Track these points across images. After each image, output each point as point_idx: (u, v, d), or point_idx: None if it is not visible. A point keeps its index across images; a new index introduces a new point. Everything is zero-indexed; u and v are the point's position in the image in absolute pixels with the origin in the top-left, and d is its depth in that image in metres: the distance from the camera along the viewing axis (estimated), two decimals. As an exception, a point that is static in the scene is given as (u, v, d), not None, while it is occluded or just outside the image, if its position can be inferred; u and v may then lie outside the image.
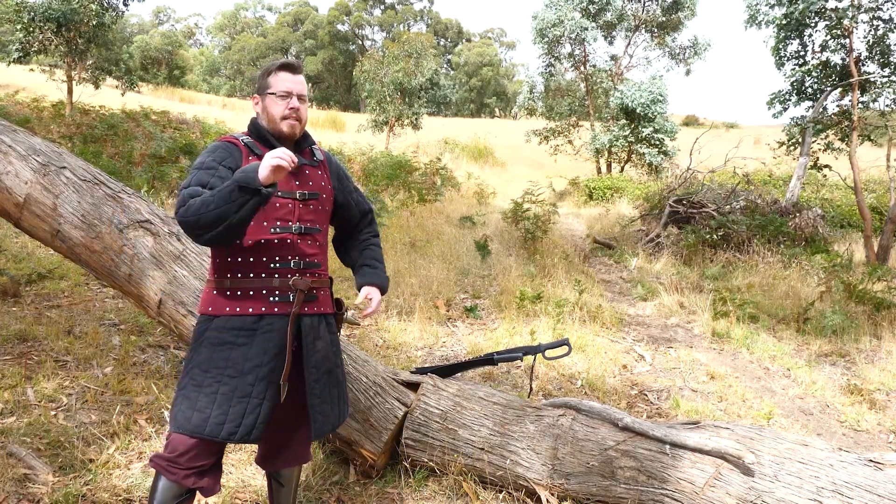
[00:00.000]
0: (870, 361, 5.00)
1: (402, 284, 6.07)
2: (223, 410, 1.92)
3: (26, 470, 2.55)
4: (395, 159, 14.27)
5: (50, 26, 12.46)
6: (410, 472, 2.82)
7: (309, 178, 2.11)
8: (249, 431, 1.94)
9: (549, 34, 20.15)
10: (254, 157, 2.01)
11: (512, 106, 32.71)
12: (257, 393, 1.95)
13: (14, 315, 4.25)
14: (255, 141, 2.07)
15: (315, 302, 2.08)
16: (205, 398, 1.93)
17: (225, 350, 1.96)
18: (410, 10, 64.56)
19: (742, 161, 11.74)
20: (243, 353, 1.95)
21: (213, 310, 2.01)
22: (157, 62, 40.58)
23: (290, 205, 2.04)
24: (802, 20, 10.40)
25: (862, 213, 9.67)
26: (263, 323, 1.98)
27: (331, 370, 2.12)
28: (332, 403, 2.11)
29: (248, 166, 1.84)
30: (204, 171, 1.97)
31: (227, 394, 1.93)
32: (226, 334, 1.97)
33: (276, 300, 2.00)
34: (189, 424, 1.92)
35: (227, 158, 2.00)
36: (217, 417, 1.92)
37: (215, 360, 1.95)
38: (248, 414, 1.94)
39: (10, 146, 3.14)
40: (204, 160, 2.00)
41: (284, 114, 2.04)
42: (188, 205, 1.86)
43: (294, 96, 2.05)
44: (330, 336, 2.15)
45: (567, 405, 2.80)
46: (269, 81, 2.06)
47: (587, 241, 10.35)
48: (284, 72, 2.06)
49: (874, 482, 2.19)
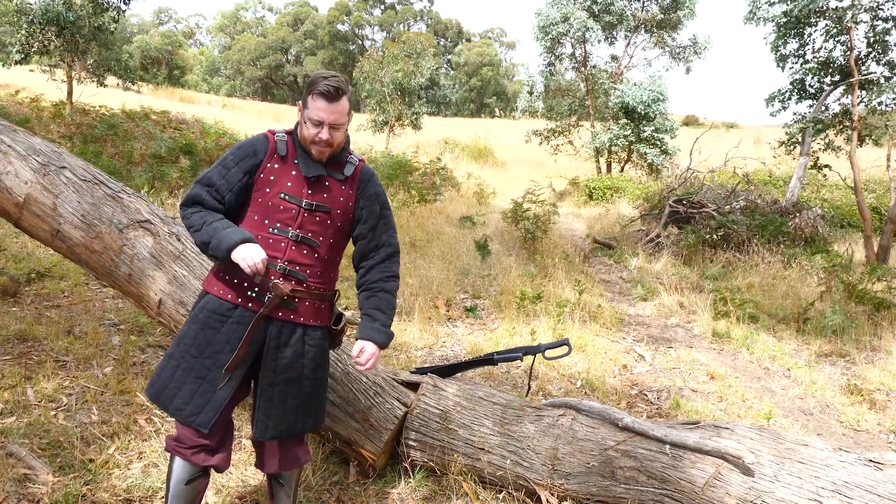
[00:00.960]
0: (870, 361, 5.00)
1: (402, 284, 6.07)
2: (178, 385, 2.01)
3: (26, 470, 2.55)
4: (395, 159, 14.28)
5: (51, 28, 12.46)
6: (410, 472, 2.82)
7: (326, 191, 2.10)
8: (196, 414, 1.99)
9: (553, 31, 20.10)
10: (277, 156, 2.08)
11: (512, 106, 32.70)
12: (212, 378, 2.01)
13: (14, 315, 4.25)
14: (289, 140, 2.12)
15: (292, 310, 2.07)
16: (169, 369, 2.04)
17: (196, 329, 2.04)
18: (410, 10, 64.57)
19: (742, 161, 11.73)
20: (209, 337, 2.03)
21: (206, 286, 2.12)
22: (157, 62, 40.58)
23: (294, 211, 2.05)
24: (802, 19, 10.39)
25: (862, 213, 9.67)
26: (236, 313, 2.04)
27: (291, 379, 2.08)
28: (287, 411, 2.08)
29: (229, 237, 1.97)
30: (220, 167, 2.08)
31: (186, 370, 2.02)
32: (203, 313, 2.05)
33: (252, 296, 2.05)
34: (151, 388, 2.05)
35: (247, 157, 2.07)
36: (171, 389, 2.01)
37: (186, 336, 2.05)
38: (198, 396, 2.00)
39: (10, 146, 3.14)
40: (228, 156, 2.10)
41: (314, 140, 2.04)
42: (188, 214, 2.06)
43: (326, 127, 2.02)
44: (306, 347, 2.10)
45: (567, 405, 2.80)
46: (307, 102, 2.04)
47: (587, 241, 10.35)
48: (322, 100, 2.01)
49: (874, 482, 2.18)
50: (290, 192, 2.05)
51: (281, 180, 2.06)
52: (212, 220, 2.02)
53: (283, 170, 2.07)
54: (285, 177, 2.07)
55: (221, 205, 2.07)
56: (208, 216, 2.03)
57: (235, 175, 2.06)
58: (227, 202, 2.07)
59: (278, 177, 2.06)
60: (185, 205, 2.08)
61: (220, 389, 2.01)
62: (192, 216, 2.05)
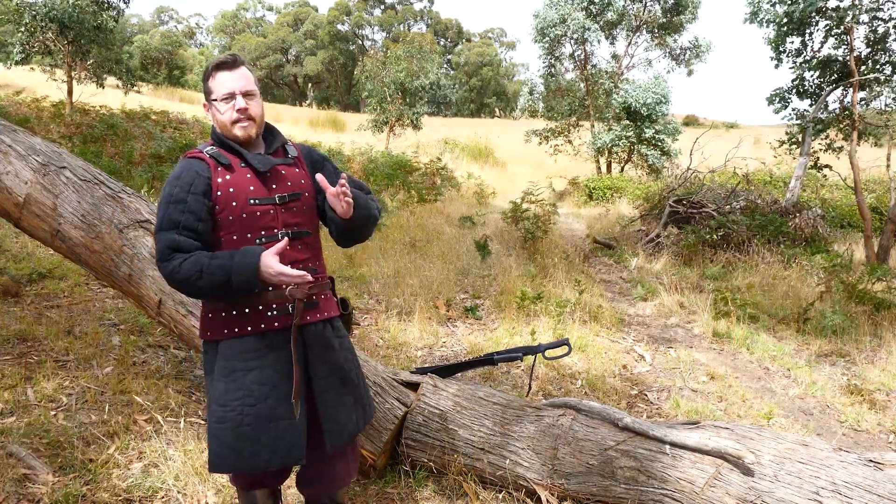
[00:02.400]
0: (870, 361, 5.00)
1: (403, 284, 6.07)
2: (253, 441, 1.85)
3: (26, 470, 2.55)
4: (395, 159, 14.29)
5: (53, 27, 12.44)
6: (410, 472, 2.82)
7: (286, 179, 1.97)
8: (289, 452, 1.88)
9: (551, 33, 20.10)
10: (222, 168, 1.90)
11: (512, 106, 32.71)
12: (283, 414, 1.87)
13: (14, 315, 4.25)
14: (219, 150, 1.94)
15: (316, 308, 1.99)
16: (231, 434, 1.85)
17: (238, 378, 1.87)
18: (410, 10, 64.58)
19: (742, 161, 11.73)
20: (257, 378, 1.87)
21: (212, 334, 1.93)
22: (157, 62, 40.59)
23: (272, 210, 1.91)
24: (804, 19, 10.38)
25: (862, 213, 9.66)
26: (267, 340, 1.89)
27: (343, 376, 2.03)
28: (348, 411, 2.02)
29: (246, 259, 1.78)
30: (173, 205, 1.84)
31: (253, 424, 1.85)
32: (234, 361, 1.88)
33: (275, 314, 1.91)
34: (225, 464, 1.88)
35: (194, 181, 1.86)
36: (251, 450, 1.86)
37: (231, 391, 1.87)
38: (280, 438, 1.87)
39: (10, 146, 3.14)
40: (171, 191, 1.86)
41: (233, 118, 1.90)
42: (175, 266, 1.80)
43: (238, 95, 1.89)
44: (338, 340, 2.06)
45: (567, 405, 2.80)
46: (210, 86, 1.92)
47: (587, 241, 10.34)
48: (221, 71, 1.91)
49: (874, 482, 2.19)
50: (257, 195, 1.90)
51: (241, 188, 1.89)
52: (207, 259, 1.80)
53: (236, 178, 1.90)
54: (243, 182, 1.90)
55: (198, 241, 1.85)
56: (200, 257, 1.80)
57: (195, 202, 1.85)
58: (202, 233, 1.86)
59: (236, 186, 1.89)
60: (164, 259, 1.82)
61: (298, 419, 1.89)
62: (181, 267, 1.79)
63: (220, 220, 1.89)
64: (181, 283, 1.81)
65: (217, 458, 1.88)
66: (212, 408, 1.90)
